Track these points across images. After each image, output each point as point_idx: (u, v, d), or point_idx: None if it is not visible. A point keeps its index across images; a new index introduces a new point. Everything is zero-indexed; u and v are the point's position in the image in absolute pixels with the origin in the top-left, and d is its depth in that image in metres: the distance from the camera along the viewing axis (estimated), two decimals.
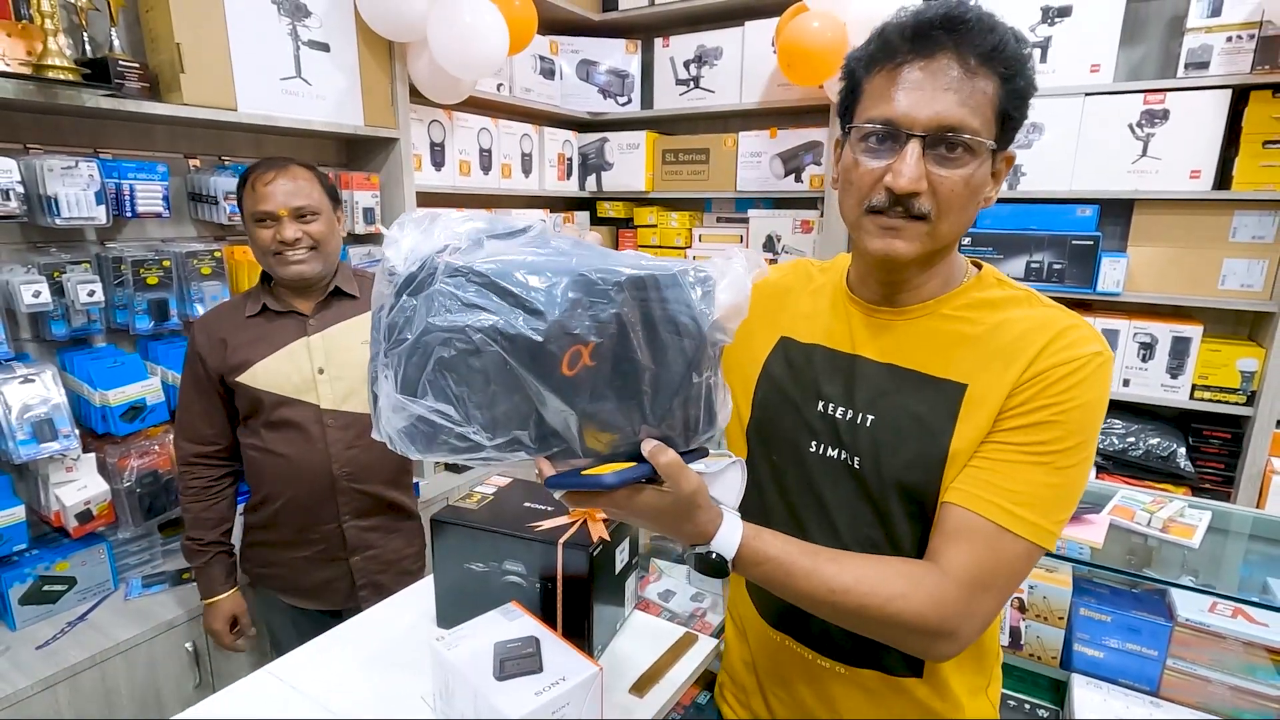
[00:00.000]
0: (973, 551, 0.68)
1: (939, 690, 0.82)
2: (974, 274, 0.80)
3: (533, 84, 2.62)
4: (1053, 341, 0.70)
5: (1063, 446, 0.69)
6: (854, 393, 0.80)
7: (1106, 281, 2.19)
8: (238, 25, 1.61)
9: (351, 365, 1.40)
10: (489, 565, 0.96)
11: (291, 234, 1.32)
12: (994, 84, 0.68)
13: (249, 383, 1.35)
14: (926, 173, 0.68)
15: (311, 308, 1.41)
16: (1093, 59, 2.13)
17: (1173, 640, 1.26)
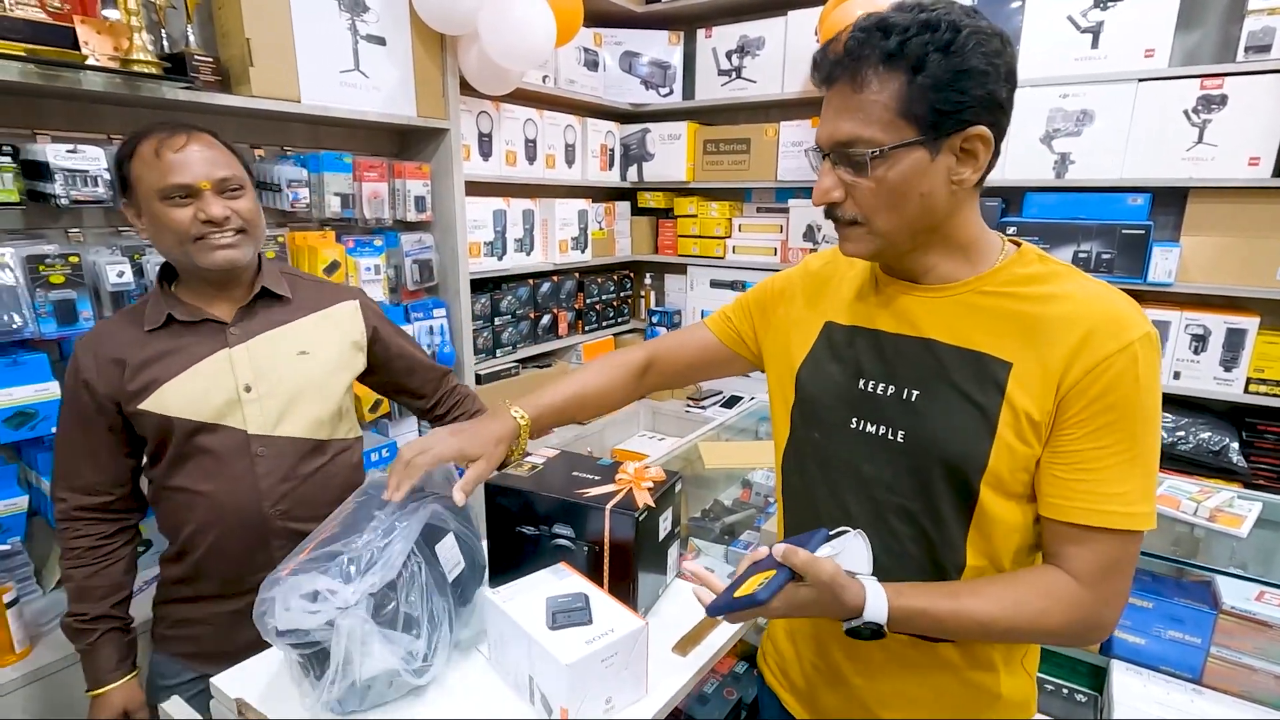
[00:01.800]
0: (1096, 556, 0.73)
1: (971, 655, 0.84)
2: (1012, 252, 0.81)
3: (577, 75, 2.67)
4: (1102, 327, 0.72)
5: (1142, 434, 0.72)
6: (897, 370, 0.83)
7: (1158, 272, 2.14)
8: (302, 20, 1.70)
9: (285, 380, 1.16)
10: (539, 529, 1.01)
11: (219, 211, 1.07)
12: (898, 87, 0.71)
13: (155, 409, 1.08)
14: (844, 182, 0.76)
15: (232, 313, 1.15)
16: (1147, 44, 2.09)
17: (1216, 628, 1.24)
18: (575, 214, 2.73)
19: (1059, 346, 0.73)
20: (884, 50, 0.70)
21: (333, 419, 1.21)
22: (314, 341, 1.20)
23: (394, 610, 0.80)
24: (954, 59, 0.70)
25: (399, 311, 2.14)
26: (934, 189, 0.74)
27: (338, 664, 0.76)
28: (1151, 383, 0.72)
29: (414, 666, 0.81)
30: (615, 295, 3.07)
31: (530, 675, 0.82)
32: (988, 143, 0.73)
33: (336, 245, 1.92)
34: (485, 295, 2.42)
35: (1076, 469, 0.73)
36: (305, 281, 1.27)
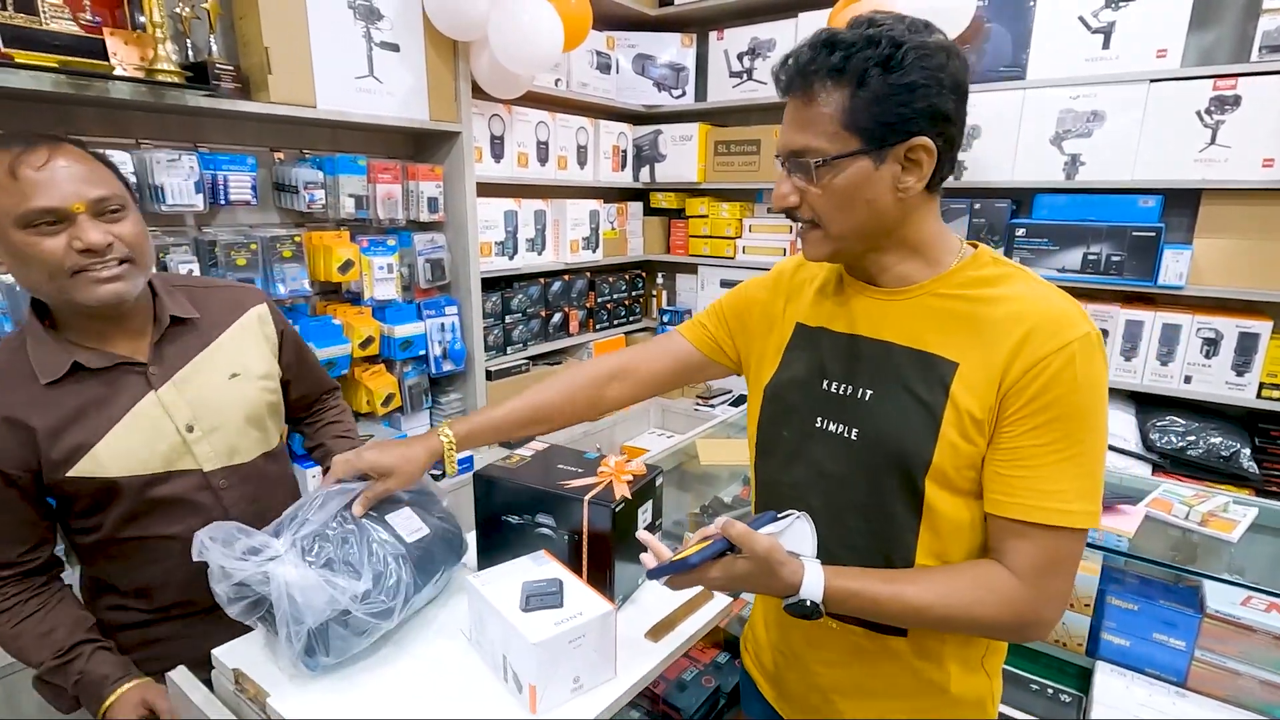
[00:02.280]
0: (1034, 551, 0.75)
1: (924, 652, 0.86)
2: (969, 254, 0.84)
3: (589, 79, 2.72)
4: (1042, 327, 0.74)
5: (1083, 433, 0.74)
6: (854, 370, 0.86)
7: (1168, 274, 2.12)
8: (318, 29, 1.77)
9: (226, 410, 1.07)
10: (523, 518, 1.06)
11: (99, 237, 0.91)
12: (842, 100, 0.75)
13: (94, 473, 0.96)
14: (799, 188, 0.81)
15: (143, 350, 1.02)
16: (1159, 44, 2.06)
17: (1201, 632, 1.24)
18: (587, 214, 2.78)
19: (1001, 346, 0.76)
20: (830, 65, 0.74)
21: (272, 429, 1.18)
22: (239, 360, 1.12)
23: (328, 556, 0.88)
24: (894, 74, 0.73)
25: (412, 309, 2.21)
26: (879, 196, 0.78)
27: (284, 611, 0.83)
28: (1091, 382, 0.73)
29: (365, 606, 0.87)
30: (627, 294, 3.11)
31: (504, 654, 0.87)
32: (931, 153, 0.76)
33: (351, 245, 2.00)
34: (496, 293, 2.48)
35: (1015, 465, 0.75)
36: (203, 291, 1.14)
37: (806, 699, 0.96)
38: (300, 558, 0.86)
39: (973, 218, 2.41)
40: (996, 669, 0.93)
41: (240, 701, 0.87)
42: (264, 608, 0.87)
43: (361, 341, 2.03)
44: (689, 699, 1.19)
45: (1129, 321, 2.20)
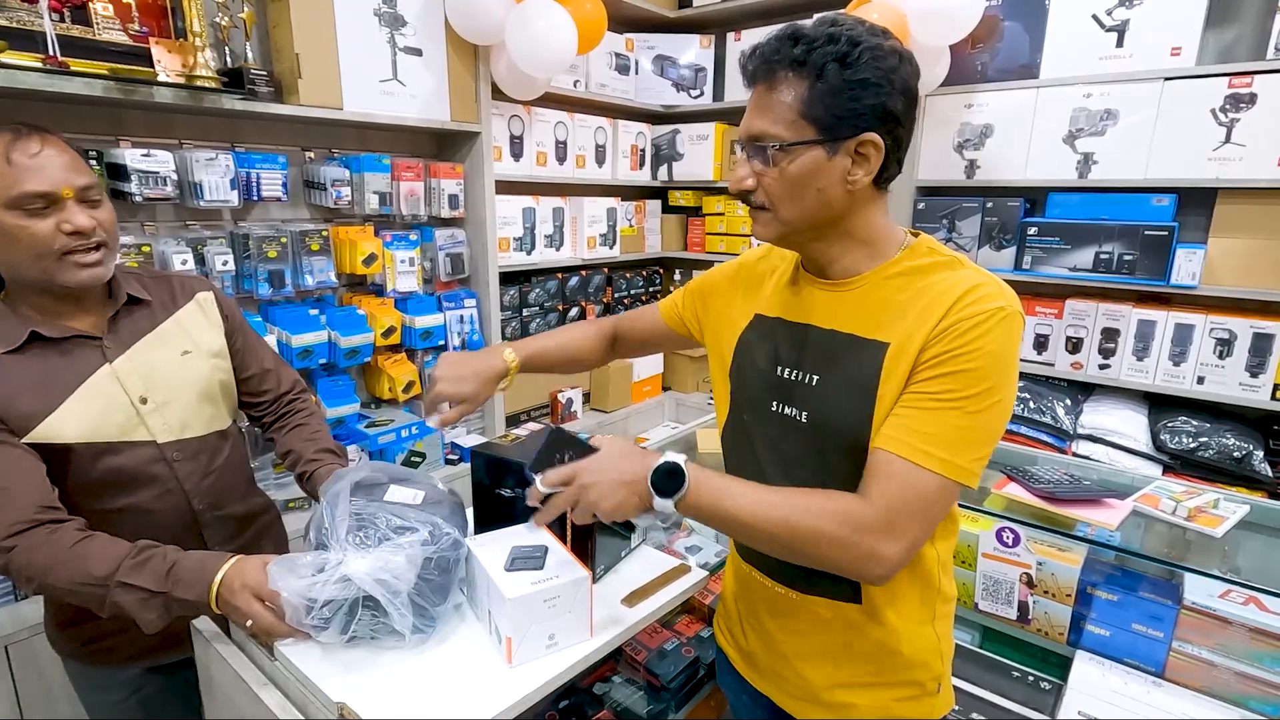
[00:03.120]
0: (890, 484, 0.79)
1: (875, 617, 0.92)
2: (909, 244, 0.90)
3: (608, 79, 2.79)
4: (961, 298, 0.80)
5: (971, 392, 0.78)
6: (803, 356, 0.93)
7: (1181, 274, 2.10)
8: (346, 36, 1.88)
9: (180, 384, 1.13)
10: (514, 492, 1.14)
11: (86, 221, 0.99)
12: (801, 91, 0.80)
13: (49, 439, 1.00)
14: (755, 173, 0.85)
15: (98, 325, 1.08)
16: (1174, 42, 2.05)
17: (1179, 623, 1.27)
18: (604, 211, 2.85)
19: (927, 322, 0.81)
20: (792, 57, 0.80)
21: (225, 409, 1.22)
22: (190, 338, 1.17)
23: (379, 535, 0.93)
24: (848, 70, 0.78)
25: (432, 301, 2.31)
26: (829, 186, 0.83)
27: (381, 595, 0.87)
28: (996, 352, 0.77)
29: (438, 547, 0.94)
30: (644, 290, 3.18)
31: (489, 609, 0.95)
32: (879, 149, 0.81)
33: (375, 239, 2.11)
34: (514, 288, 2.57)
35: (903, 406, 0.81)
36: (153, 281, 1.19)
37: (773, 667, 1.03)
38: (359, 550, 0.90)
39: (985, 216, 2.42)
40: (946, 633, 0.98)
41: (252, 645, 0.97)
42: (354, 616, 0.89)
43: (384, 331, 2.14)
44: (668, 667, 1.26)
45: (1141, 321, 2.19)
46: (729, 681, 1.15)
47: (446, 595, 0.97)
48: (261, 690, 0.89)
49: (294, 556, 0.91)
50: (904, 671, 0.94)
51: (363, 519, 0.93)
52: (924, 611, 0.94)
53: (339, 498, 0.95)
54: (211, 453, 1.17)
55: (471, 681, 0.88)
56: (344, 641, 0.92)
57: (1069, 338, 2.32)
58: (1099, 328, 2.26)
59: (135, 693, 1.18)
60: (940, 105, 2.45)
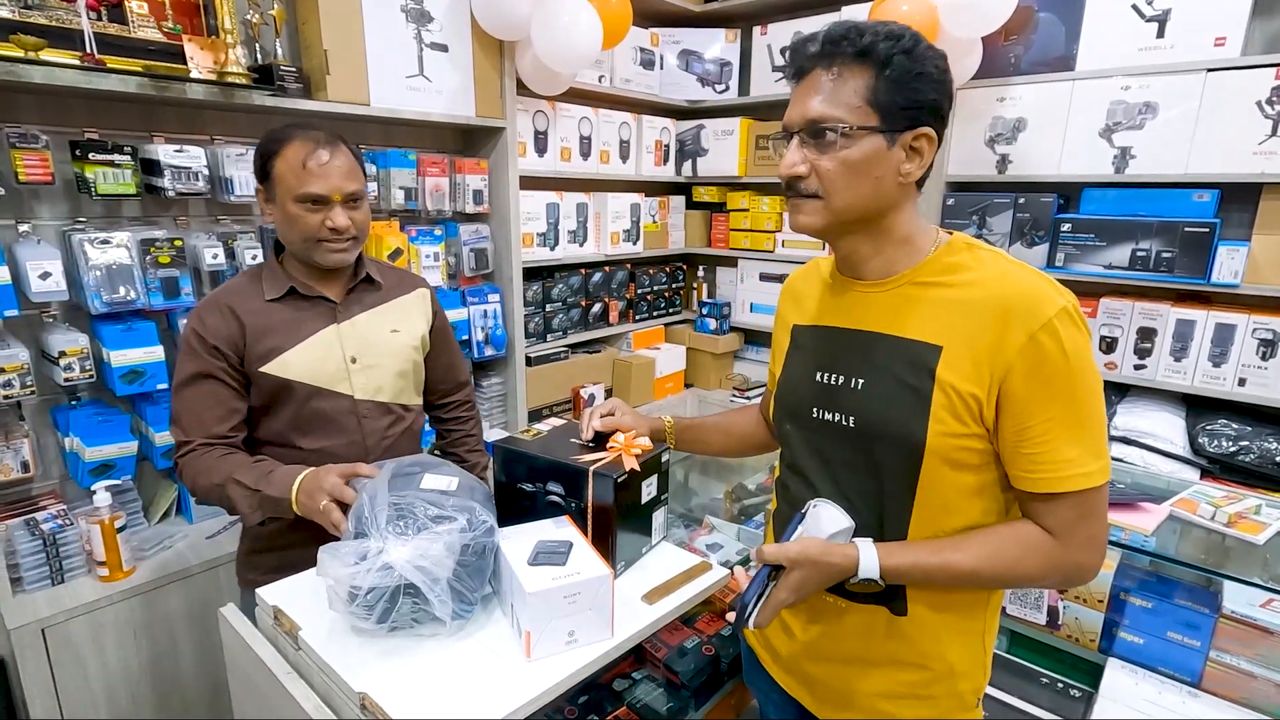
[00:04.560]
0: (1064, 513, 0.82)
1: (924, 627, 0.91)
2: (944, 241, 0.88)
3: (632, 75, 2.78)
4: (1017, 309, 0.79)
5: (1080, 400, 0.80)
6: (844, 361, 0.92)
7: (1222, 272, 2.03)
8: (373, 32, 1.89)
9: (384, 354, 1.34)
10: (536, 486, 1.14)
11: (344, 221, 1.23)
12: (866, 79, 0.80)
13: (279, 373, 1.24)
14: (810, 159, 0.84)
15: (340, 294, 1.33)
16: (1218, 31, 1.98)
17: (1216, 632, 1.23)
18: (628, 207, 2.85)
19: (985, 329, 0.81)
20: (859, 46, 0.81)
21: (412, 388, 1.42)
22: (402, 321, 1.39)
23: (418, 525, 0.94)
24: (915, 62, 0.80)
25: (456, 296, 2.33)
26: (885, 176, 0.83)
27: (421, 581, 0.88)
28: (1077, 350, 0.79)
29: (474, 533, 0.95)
30: (667, 286, 3.17)
31: (512, 603, 0.95)
32: (932, 143, 0.84)
33: (400, 234, 2.13)
34: (538, 283, 2.58)
35: (1030, 443, 0.81)
36: (389, 270, 1.46)
37: (810, 671, 1.01)
38: (399, 538, 0.91)
39: (1017, 213, 2.36)
40: (992, 645, 0.96)
41: (278, 634, 0.98)
42: (396, 604, 0.91)
43: None
44: (688, 664, 1.25)
45: (1179, 321, 2.12)
46: (757, 681, 1.14)
47: (484, 580, 0.98)
48: (286, 679, 0.91)
49: (338, 545, 0.92)
50: (948, 682, 0.92)
51: (401, 508, 0.94)
52: (974, 623, 0.92)
53: (378, 489, 0.96)
54: (393, 419, 1.36)
55: (491, 675, 0.88)
56: (386, 631, 0.93)
57: (1103, 337, 2.26)
58: (1135, 327, 2.19)
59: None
60: (971, 98, 2.40)
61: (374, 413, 1.33)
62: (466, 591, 0.94)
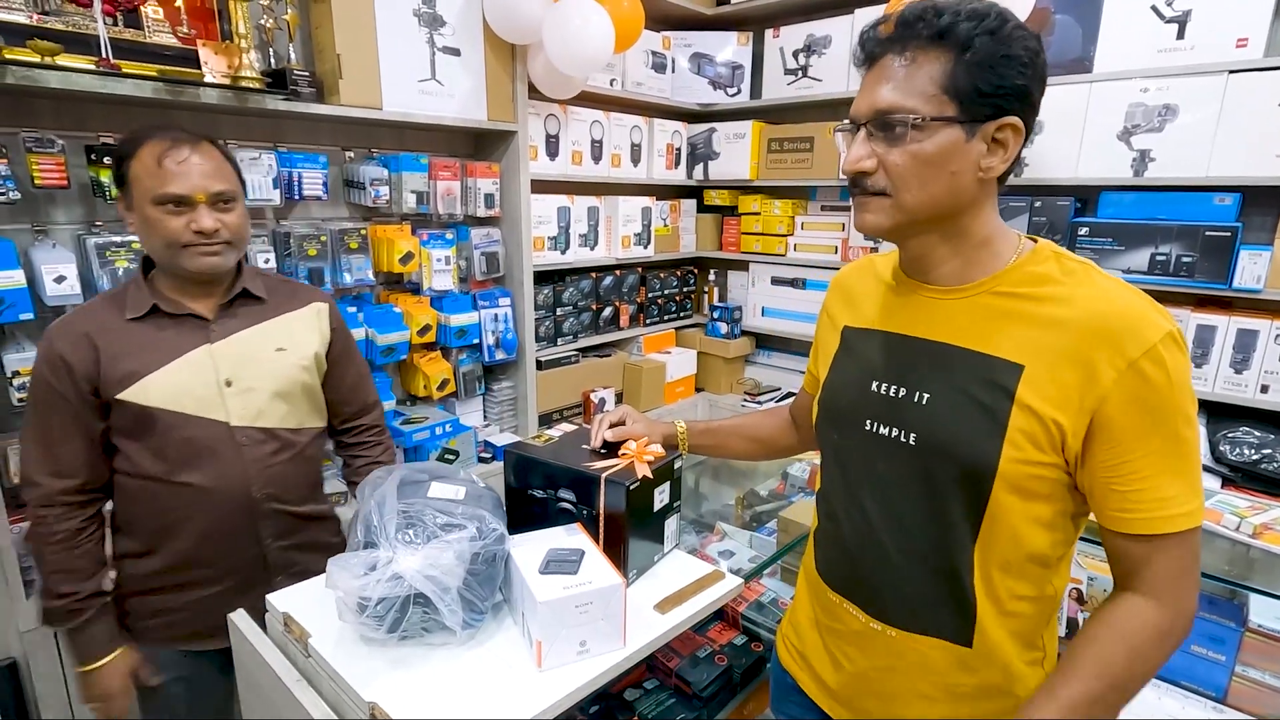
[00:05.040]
0: (1167, 562, 0.74)
1: (988, 659, 0.85)
2: (1028, 249, 0.81)
3: (644, 78, 2.77)
4: (1120, 333, 0.72)
5: (1182, 434, 0.73)
6: (908, 372, 0.85)
7: (1244, 277, 2.00)
8: (386, 37, 1.90)
9: (264, 376, 1.22)
10: (546, 493, 1.13)
11: (210, 223, 1.12)
12: (944, 64, 0.74)
13: (138, 399, 1.12)
14: (877, 154, 0.77)
15: (214, 311, 1.20)
16: (1239, 33, 1.95)
17: (1242, 647, 1.20)
18: (639, 211, 2.84)
19: (1077, 352, 0.73)
20: (936, 28, 0.74)
21: (305, 411, 1.30)
22: (290, 338, 1.27)
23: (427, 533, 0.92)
24: (1000, 43, 0.73)
25: (467, 300, 2.32)
26: (963, 171, 0.76)
27: (431, 590, 0.87)
28: (1182, 380, 0.72)
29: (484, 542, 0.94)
30: (678, 290, 3.16)
31: (523, 611, 0.94)
32: (1019, 134, 0.76)
33: (412, 238, 2.13)
34: (548, 286, 2.57)
35: (1129, 479, 0.74)
36: (279, 283, 1.34)
37: (861, 704, 0.95)
38: (408, 548, 0.90)
39: (1033, 216, 2.33)
40: (1051, 669, 0.90)
41: (287, 641, 0.98)
42: (406, 613, 0.89)
43: (420, 329, 2.16)
44: (701, 674, 1.23)
45: (1200, 326, 2.09)
46: (789, 710, 1.08)
47: (495, 589, 0.97)
48: (296, 687, 0.90)
49: (346, 556, 0.91)
50: (1011, 714, 0.85)
51: (410, 517, 0.93)
52: (1035, 652, 0.87)
53: (386, 496, 0.95)
54: (279, 445, 1.24)
55: (502, 685, 0.87)
56: (396, 640, 0.92)
57: None
58: None
59: (177, 676, 1.27)
60: None
61: (255, 440, 1.20)
62: (477, 600, 0.93)
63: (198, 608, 1.22)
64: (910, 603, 0.87)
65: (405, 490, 0.99)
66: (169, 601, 1.22)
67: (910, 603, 0.87)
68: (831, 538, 0.96)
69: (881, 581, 0.89)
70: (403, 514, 0.94)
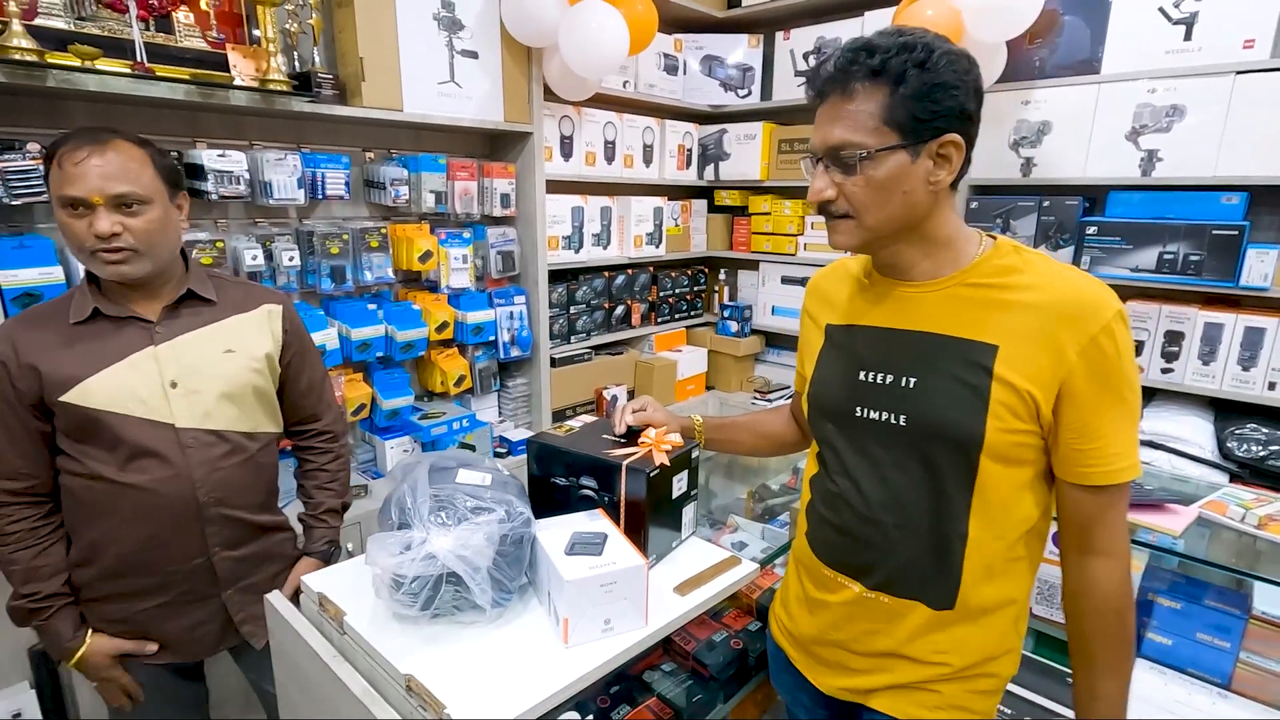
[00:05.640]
0: (1113, 515, 0.88)
1: (969, 618, 0.93)
2: (990, 246, 0.91)
3: (656, 80, 2.82)
4: (1078, 312, 0.83)
5: (1129, 397, 0.85)
6: (894, 360, 0.93)
7: (1252, 275, 2.02)
8: (407, 40, 1.94)
9: (211, 378, 1.20)
10: (569, 480, 1.17)
11: (106, 227, 1.06)
12: (882, 99, 0.82)
13: (79, 401, 1.11)
14: (836, 183, 0.87)
15: (158, 313, 1.19)
16: (1246, 34, 1.97)
17: (1247, 634, 1.22)
18: (651, 211, 2.88)
19: (1043, 331, 0.84)
20: (869, 67, 0.82)
21: (258, 413, 1.28)
22: (239, 340, 1.25)
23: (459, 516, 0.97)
24: (928, 73, 0.81)
25: (483, 298, 2.37)
26: (914, 188, 0.85)
27: (463, 570, 0.92)
28: (1128, 352, 0.84)
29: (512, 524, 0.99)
30: (689, 289, 3.20)
31: (549, 590, 0.98)
32: (960, 148, 0.85)
33: (430, 237, 2.17)
34: (562, 285, 2.62)
35: (1089, 439, 0.85)
36: (232, 285, 1.31)
37: (850, 665, 1.03)
38: (441, 529, 0.95)
39: (1041, 216, 2.36)
40: (1024, 631, 1.00)
41: (322, 620, 1.02)
42: (438, 591, 0.94)
43: (437, 326, 2.20)
44: (717, 657, 1.27)
45: (1208, 324, 2.11)
46: (786, 681, 1.15)
47: (522, 570, 1.01)
48: (333, 662, 0.94)
49: (384, 535, 0.96)
50: (989, 665, 0.96)
51: (441, 499, 0.98)
52: (1010, 611, 0.95)
53: (419, 481, 1.00)
54: (229, 449, 1.22)
55: (530, 660, 0.91)
56: (428, 618, 0.96)
57: None
58: (1162, 330, 2.18)
59: (147, 683, 1.27)
60: (995, 102, 2.40)
61: (202, 442, 1.18)
62: (505, 580, 0.98)
63: (145, 619, 1.22)
64: (904, 571, 0.95)
65: (435, 475, 1.03)
66: (118, 611, 1.21)
67: (904, 571, 0.95)
68: (826, 518, 1.03)
69: (878, 555, 0.97)
70: (434, 497, 0.98)
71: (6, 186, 1.43)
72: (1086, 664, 0.90)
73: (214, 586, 1.24)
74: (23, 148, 1.46)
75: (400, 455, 2.14)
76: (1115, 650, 0.89)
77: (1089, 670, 0.90)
